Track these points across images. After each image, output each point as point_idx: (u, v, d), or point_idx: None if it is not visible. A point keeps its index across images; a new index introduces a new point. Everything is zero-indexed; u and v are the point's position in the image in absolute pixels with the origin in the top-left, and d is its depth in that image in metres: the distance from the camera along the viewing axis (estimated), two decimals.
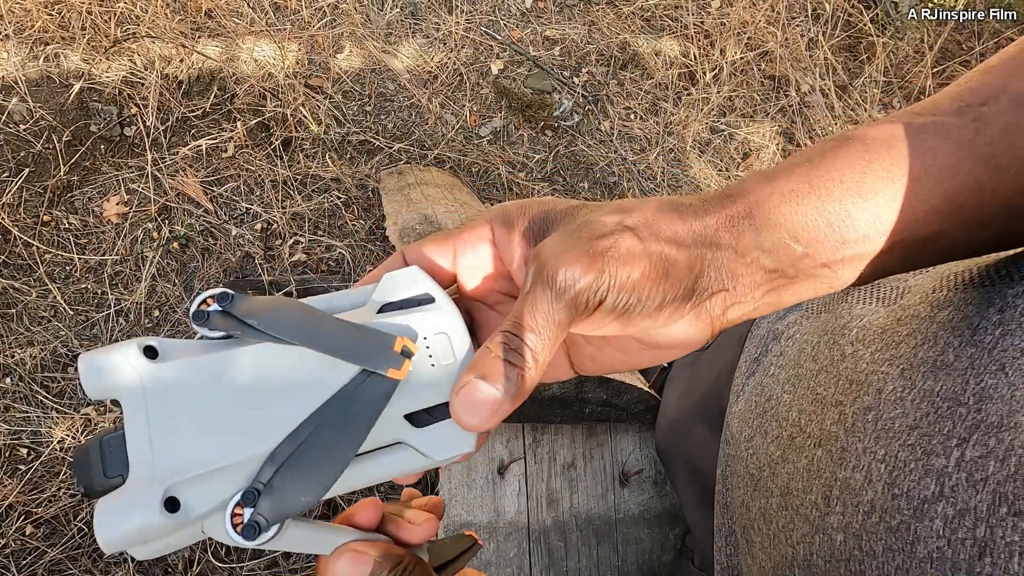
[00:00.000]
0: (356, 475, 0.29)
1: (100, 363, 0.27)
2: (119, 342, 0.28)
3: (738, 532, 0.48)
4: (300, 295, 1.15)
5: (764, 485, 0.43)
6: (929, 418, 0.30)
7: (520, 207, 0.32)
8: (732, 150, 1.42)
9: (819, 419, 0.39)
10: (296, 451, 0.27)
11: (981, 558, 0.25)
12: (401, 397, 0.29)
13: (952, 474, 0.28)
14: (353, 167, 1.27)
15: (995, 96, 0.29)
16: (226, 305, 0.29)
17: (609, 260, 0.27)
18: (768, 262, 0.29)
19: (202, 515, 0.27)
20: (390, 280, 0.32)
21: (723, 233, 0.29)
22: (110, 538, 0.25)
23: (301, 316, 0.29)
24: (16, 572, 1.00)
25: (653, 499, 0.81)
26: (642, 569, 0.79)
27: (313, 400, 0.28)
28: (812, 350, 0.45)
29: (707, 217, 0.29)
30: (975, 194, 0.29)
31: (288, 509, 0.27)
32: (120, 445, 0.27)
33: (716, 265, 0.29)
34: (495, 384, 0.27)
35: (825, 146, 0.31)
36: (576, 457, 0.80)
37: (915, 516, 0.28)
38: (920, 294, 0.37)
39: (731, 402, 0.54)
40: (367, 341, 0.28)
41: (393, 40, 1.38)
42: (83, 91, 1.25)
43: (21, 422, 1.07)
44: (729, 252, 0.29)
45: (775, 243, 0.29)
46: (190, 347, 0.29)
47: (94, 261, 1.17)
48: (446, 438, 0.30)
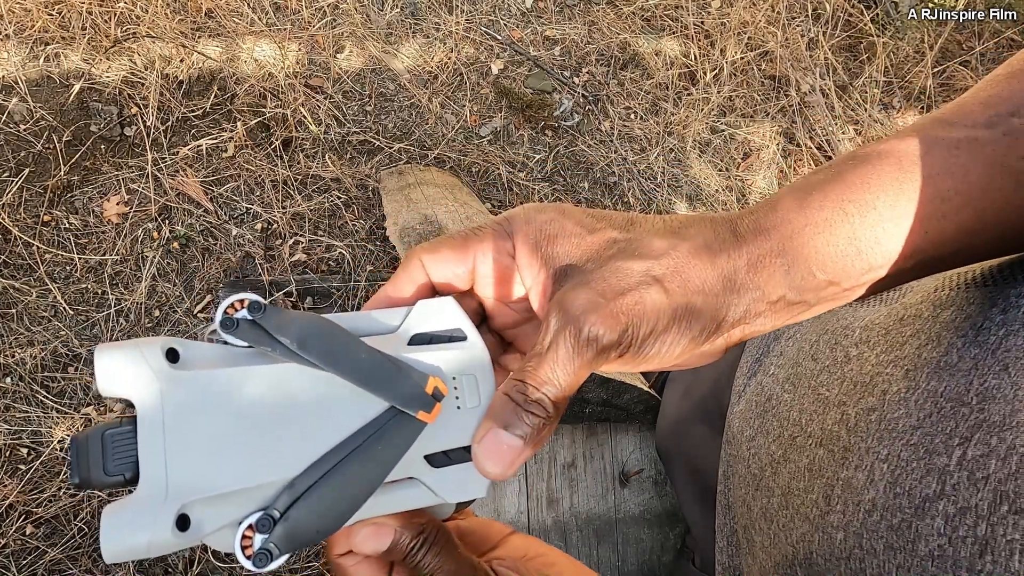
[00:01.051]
0: (366, 507, 0.28)
1: (119, 360, 0.25)
2: (142, 339, 0.26)
3: (741, 532, 0.48)
4: (300, 295, 1.15)
5: (765, 484, 0.43)
6: (932, 418, 0.30)
7: (546, 223, 0.30)
8: (732, 150, 1.42)
9: (821, 419, 0.39)
10: (317, 482, 0.27)
11: (982, 556, 0.25)
12: (424, 437, 0.29)
13: (953, 473, 0.28)
14: (353, 167, 1.27)
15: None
16: (257, 316, 0.28)
17: (633, 317, 0.27)
18: (793, 297, 0.29)
19: (211, 533, 0.26)
20: (423, 309, 0.31)
21: (754, 276, 0.29)
22: (116, 551, 0.24)
23: (335, 340, 0.28)
24: (16, 572, 1.00)
25: (653, 499, 0.81)
26: (642, 569, 0.79)
27: (338, 431, 0.27)
28: (811, 348, 0.45)
29: (739, 255, 0.29)
30: (1003, 211, 0.29)
31: (302, 540, 0.27)
32: (124, 444, 0.26)
33: (742, 307, 0.29)
34: (517, 433, 0.27)
35: (857, 161, 0.30)
36: (576, 457, 0.80)
37: (916, 514, 0.28)
38: (922, 293, 0.37)
39: (732, 402, 0.54)
40: (400, 378, 0.28)
41: (393, 40, 1.38)
42: (83, 91, 1.25)
43: (21, 422, 1.07)
44: (757, 294, 0.29)
45: (803, 277, 0.29)
46: (214, 355, 0.28)
47: (94, 261, 1.17)
48: (460, 481, 0.30)
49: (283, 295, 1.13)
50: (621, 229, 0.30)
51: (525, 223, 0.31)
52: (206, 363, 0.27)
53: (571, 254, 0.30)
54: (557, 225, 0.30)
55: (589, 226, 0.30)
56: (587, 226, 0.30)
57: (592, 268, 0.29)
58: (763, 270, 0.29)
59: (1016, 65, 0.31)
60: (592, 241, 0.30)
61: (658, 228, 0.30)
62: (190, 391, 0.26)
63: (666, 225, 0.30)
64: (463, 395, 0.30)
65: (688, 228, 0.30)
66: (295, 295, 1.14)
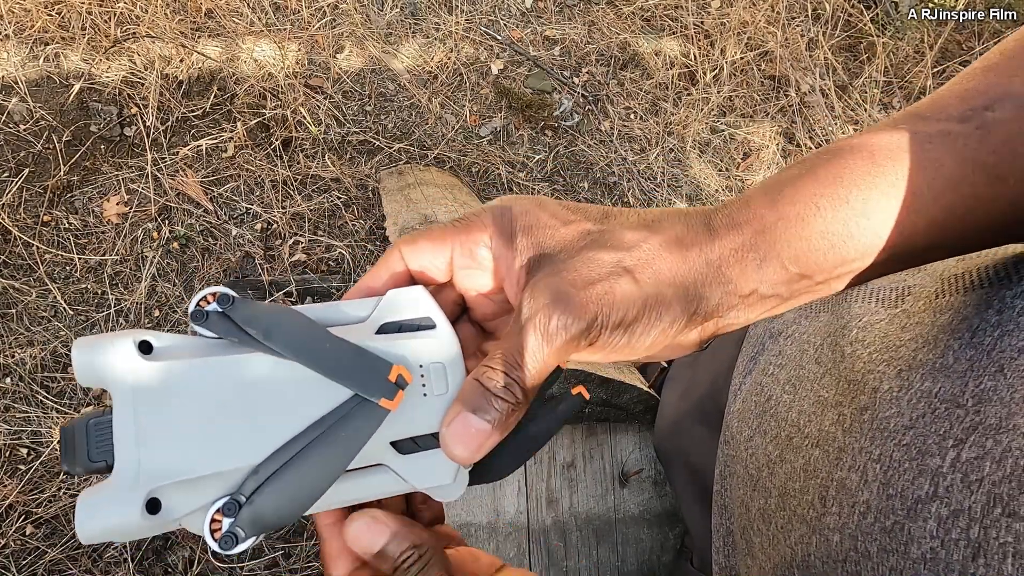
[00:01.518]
0: (334, 494, 0.29)
1: (93, 352, 0.27)
2: (116, 332, 0.28)
3: (737, 532, 0.48)
4: (300, 295, 1.15)
5: (763, 485, 0.43)
6: (925, 419, 0.30)
7: (521, 214, 0.31)
8: (732, 150, 1.42)
9: (818, 420, 0.39)
10: (281, 468, 0.27)
11: (975, 559, 0.25)
12: (390, 424, 0.29)
13: (947, 475, 0.28)
14: (353, 167, 1.27)
15: (999, 99, 0.29)
16: (226, 307, 0.29)
17: (602, 306, 0.27)
18: (766, 290, 0.29)
19: (182, 517, 0.27)
20: (394, 298, 0.32)
21: (726, 269, 0.29)
22: (90, 532, 0.25)
23: (301, 331, 0.29)
24: (16, 572, 1.00)
25: (653, 499, 0.81)
26: (642, 569, 0.79)
27: (303, 418, 0.28)
28: (815, 352, 0.44)
29: (711, 248, 0.29)
30: (972, 206, 0.29)
31: (266, 524, 0.27)
32: (106, 431, 0.27)
33: (714, 300, 0.29)
34: (485, 417, 0.27)
35: (830, 155, 0.30)
36: (576, 457, 0.80)
37: (909, 516, 0.28)
38: (924, 299, 0.37)
39: (729, 401, 0.54)
40: (363, 366, 0.28)
41: (393, 40, 1.38)
42: (83, 91, 1.25)
43: (21, 422, 1.07)
44: (729, 287, 0.29)
45: (775, 271, 0.29)
46: (185, 346, 0.29)
47: (94, 261, 1.17)
48: (428, 467, 0.30)
49: (283, 295, 1.13)
50: (595, 221, 0.31)
51: (501, 215, 0.31)
52: (178, 354, 0.28)
53: (545, 245, 0.30)
54: (532, 217, 0.31)
55: (564, 218, 0.31)
56: (562, 218, 0.31)
57: (564, 258, 0.29)
58: (735, 264, 0.29)
59: (992, 59, 0.31)
60: (566, 232, 0.30)
61: (632, 221, 0.30)
62: (160, 381, 0.27)
63: (640, 218, 0.31)
64: (430, 383, 0.30)
65: (661, 221, 0.30)
66: (295, 295, 1.14)
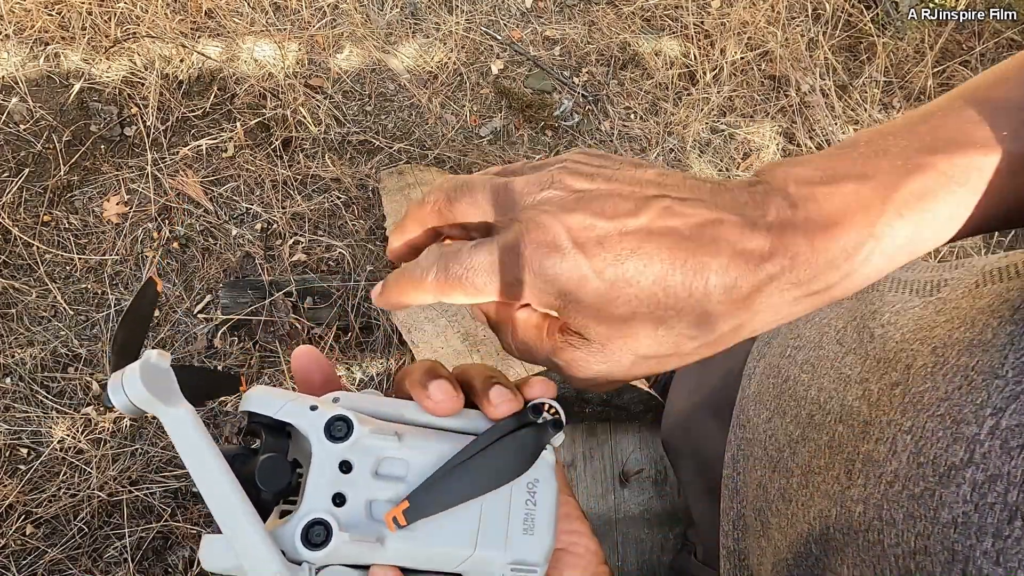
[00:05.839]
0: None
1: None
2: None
3: (751, 515, 0.47)
4: (300, 295, 1.15)
5: (784, 465, 0.43)
6: (961, 390, 0.30)
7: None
8: (732, 150, 1.42)
9: (841, 396, 0.39)
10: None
11: (1011, 521, 0.25)
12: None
13: (984, 441, 0.27)
14: (353, 167, 1.27)
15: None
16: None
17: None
18: (799, 310, 0.29)
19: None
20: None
21: (762, 297, 0.27)
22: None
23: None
24: (16, 572, 1.00)
25: (653, 499, 0.80)
26: (642, 569, 0.79)
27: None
28: (837, 334, 0.44)
29: (758, 274, 0.27)
30: (1009, 213, 0.28)
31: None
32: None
33: (747, 332, 0.29)
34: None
35: (911, 170, 0.27)
36: (576, 457, 0.80)
37: (940, 483, 0.28)
38: (962, 289, 0.36)
39: (743, 385, 0.54)
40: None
41: (393, 40, 1.38)
42: (83, 91, 1.25)
43: (21, 422, 1.07)
44: (764, 316, 0.28)
45: (805, 295, 0.28)
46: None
47: (94, 261, 1.17)
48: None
49: (283, 295, 1.13)
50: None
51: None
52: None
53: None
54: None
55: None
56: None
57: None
58: (778, 290, 0.27)
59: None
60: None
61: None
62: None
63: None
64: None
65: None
66: (295, 295, 1.14)
